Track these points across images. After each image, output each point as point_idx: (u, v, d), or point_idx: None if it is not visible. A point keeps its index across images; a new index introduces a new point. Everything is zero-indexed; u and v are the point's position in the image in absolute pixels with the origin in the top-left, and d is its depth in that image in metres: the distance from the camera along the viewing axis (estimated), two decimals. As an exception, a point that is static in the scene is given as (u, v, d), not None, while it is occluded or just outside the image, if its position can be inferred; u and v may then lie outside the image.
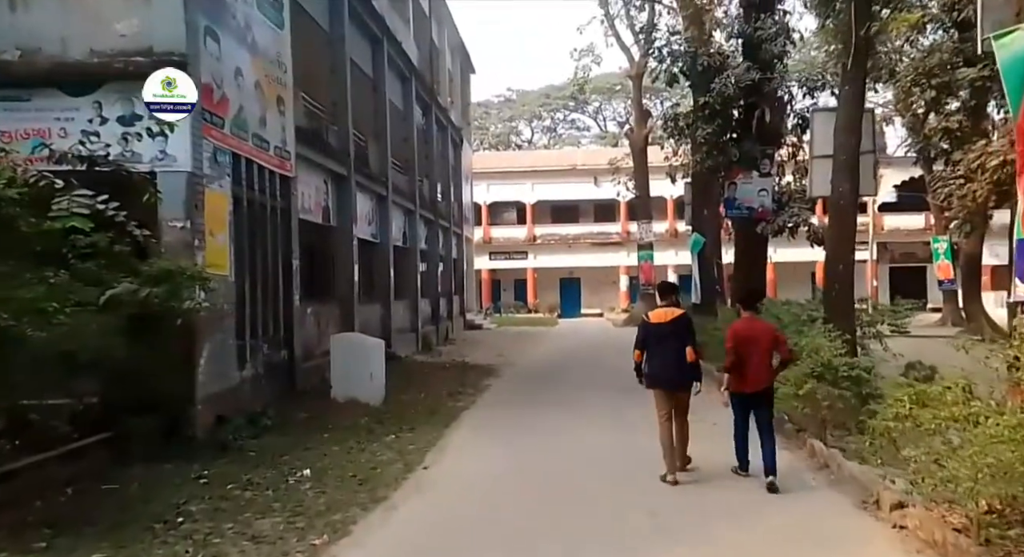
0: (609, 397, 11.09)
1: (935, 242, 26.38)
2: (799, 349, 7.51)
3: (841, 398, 6.72)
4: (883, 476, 4.84)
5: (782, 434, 7.77)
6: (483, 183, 38.48)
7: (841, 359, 6.96)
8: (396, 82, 19.17)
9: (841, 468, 6.15)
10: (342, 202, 14.15)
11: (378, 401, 10.36)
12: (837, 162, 8.71)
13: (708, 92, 12.76)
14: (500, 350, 19.68)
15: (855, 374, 6.87)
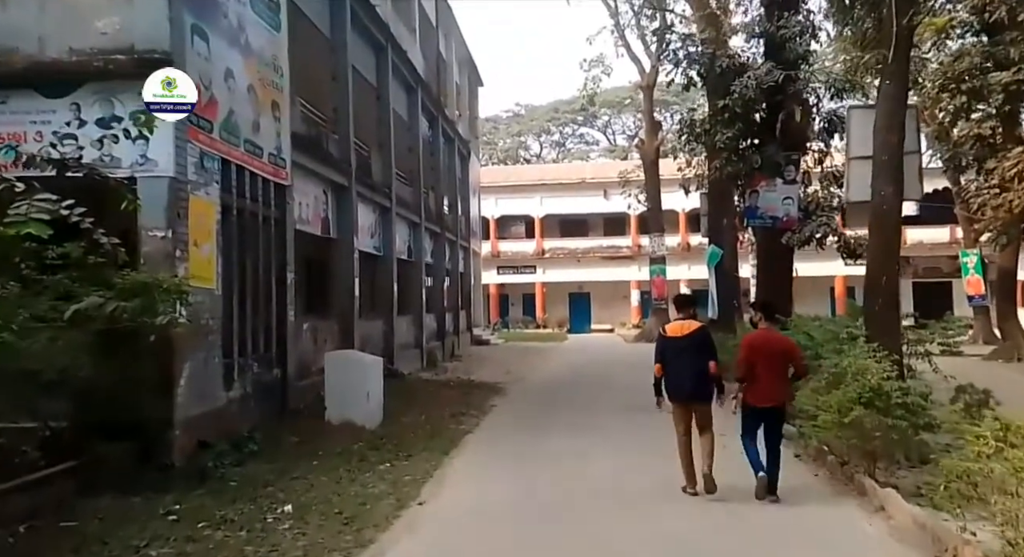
0: (622, 418, 10.38)
1: (964, 256, 25.51)
2: (841, 371, 6.82)
3: (895, 428, 5.97)
4: (962, 528, 4.08)
5: (825, 467, 7.05)
6: (491, 197, 37.97)
7: (893, 383, 6.21)
8: (401, 92, 18.67)
9: (903, 513, 5.36)
10: (342, 213, 13.57)
11: (375, 424, 9.69)
12: (878, 163, 8.02)
13: (728, 94, 12.11)
14: (507, 367, 18.98)
15: (910, 401, 6.11)
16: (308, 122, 12.24)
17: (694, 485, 6.29)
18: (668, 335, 6.51)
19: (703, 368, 6.30)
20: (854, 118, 9.29)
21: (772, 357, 6.18)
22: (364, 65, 15.52)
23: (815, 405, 7.56)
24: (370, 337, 15.16)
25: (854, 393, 6.22)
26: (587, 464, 7.75)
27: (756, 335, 6.55)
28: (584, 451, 8.38)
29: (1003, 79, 16.65)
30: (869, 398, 6.14)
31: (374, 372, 10.00)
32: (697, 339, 6.37)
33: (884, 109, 8.13)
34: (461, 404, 12.09)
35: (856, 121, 9.09)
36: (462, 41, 27.65)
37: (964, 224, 25.70)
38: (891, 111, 8.04)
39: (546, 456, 8.17)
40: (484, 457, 8.26)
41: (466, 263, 27.93)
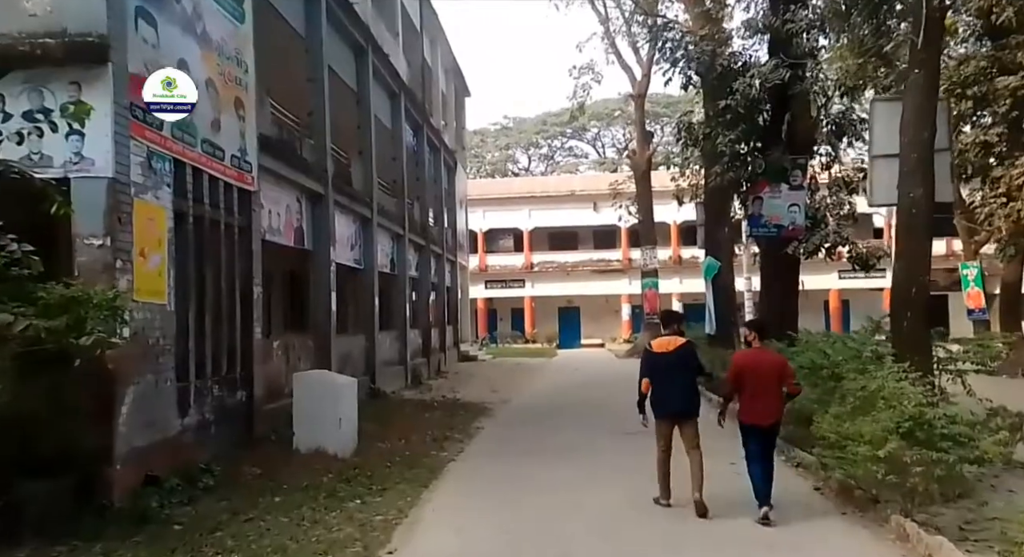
0: (618, 444, 9.51)
1: (964, 268, 24.86)
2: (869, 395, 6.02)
3: (940, 463, 5.14)
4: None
5: (852, 504, 6.21)
6: (479, 209, 37.26)
7: (936, 410, 5.39)
8: (383, 97, 17.90)
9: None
10: (318, 223, 12.71)
11: (349, 451, 8.79)
12: (906, 162, 7.26)
13: (729, 94, 11.36)
14: (495, 385, 18.10)
15: (957, 431, 5.28)
16: (280, 125, 11.42)
17: (668, 498, 6.40)
18: (655, 351, 6.52)
19: (689, 384, 6.39)
20: (878, 112, 8.48)
21: (764, 376, 6.16)
22: (343, 67, 14.74)
23: (837, 432, 6.76)
24: (350, 355, 14.27)
25: (890, 422, 5.41)
26: (582, 500, 6.88)
27: (747, 354, 6.55)
28: (578, 483, 7.52)
29: (1010, 84, 16.05)
30: (908, 428, 5.33)
31: (347, 394, 9.11)
32: (683, 355, 6.41)
33: (912, 101, 7.37)
34: (445, 427, 11.20)
35: (880, 115, 8.29)
36: (448, 49, 27.00)
37: (964, 236, 25.09)
38: (920, 104, 7.30)
39: (536, 489, 7.29)
40: (467, 491, 7.37)
41: (453, 277, 27.08)
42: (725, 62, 11.94)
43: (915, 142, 7.20)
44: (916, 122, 7.24)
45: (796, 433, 8.76)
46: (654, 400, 6.44)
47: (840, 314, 37.35)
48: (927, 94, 7.42)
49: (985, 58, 16.85)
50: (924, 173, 7.23)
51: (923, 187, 7.20)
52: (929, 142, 7.26)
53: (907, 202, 7.29)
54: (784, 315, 11.69)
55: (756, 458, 6.14)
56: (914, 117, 7.27)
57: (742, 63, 12.15)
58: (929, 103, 7.39)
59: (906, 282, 7.30)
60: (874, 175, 8.22)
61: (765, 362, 6.29)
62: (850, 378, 6.97)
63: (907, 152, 7.27)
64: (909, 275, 7.30)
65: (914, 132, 7.20)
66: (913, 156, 7.20)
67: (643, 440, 8.35)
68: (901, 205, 7.41)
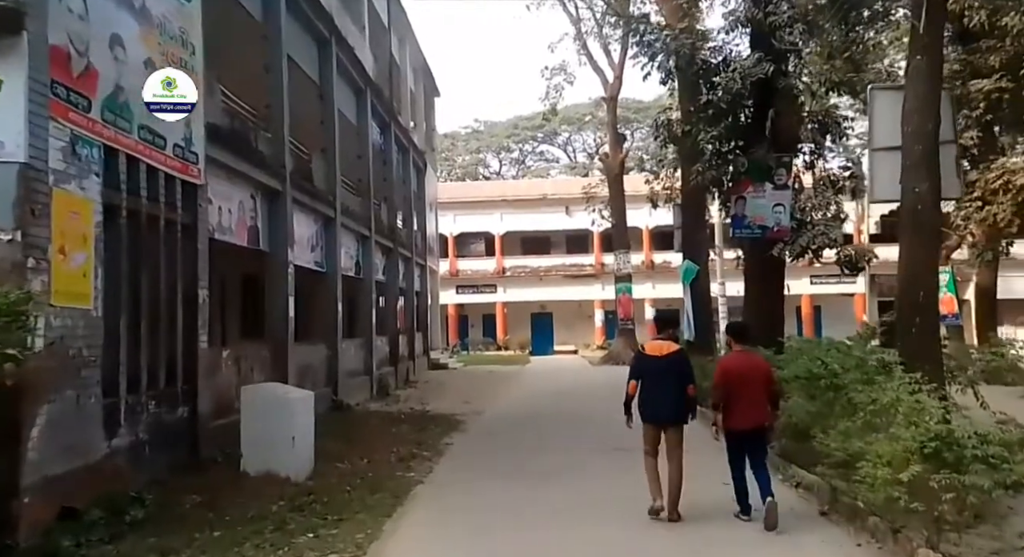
0: (606, 463, 8.78)
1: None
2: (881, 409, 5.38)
3: (974, 489, 4.49)
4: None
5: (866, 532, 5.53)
6: (449, 213, 36.42)
7: (966, 428, 4.74)
8: (348, 93, 17.03)
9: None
10: (275, 222, 11.80)
11: (303, 474, 7.91)
12: (910, 155, 6.67)
13: (711, 89, 10.76)
14: (467, 395, 17.28)
15: (991, 452, 4.64)
16: (232, 115, 10.51)
17: (660, 498, 6.19)
18: (647, 354, 6.43)
19: (680, 390, 6.26)
20: (878, 102, 7.87)
21: (750, 380, 6.09)
22: (304, 58, 13.86)
23: (845, 449, 6.12)
24: (309, 365, 13.35)
25: (913, 441, 4.76)
26: (566, 531, 6.12)
27: (732, 358, 6.43)
28: (562, 511, 6.75)
29: (984, 87, 15.82)
30: (935, 448, 4.68)
31: (302, 409, 8.23)
32: (675, 361, 6.32)
33: (915, 90, 6.79)
34: (412, 443, 10.36)
35: (881, 105, 7.69)
36: (417, 47, 26.18)
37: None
38: (924, 92, 6.72)
39: (514, 519, 6.49)
40: (435, 520, 6.55)
41: (422, 282, 26.21)
42: (705, 56, 11.34)
43: (919, 133, 6.62)
44: (920, 111, 6.67)
45: (791, 448, 8.13)
46: (642, 404, 6.34)
47: (812, 319, 37.27)
48: (931, 82, 6.85)
49: (958, 61, 16.63)
50: (929, 166, 6.65)
51: (928, 181, 6.62)
52: (934, 133, 6.70)
53: (911, 198, 6.69)
54: (770, 320, 11.10)
55: (742, 463, 6.12)
56: (917, 106, 6.70)
57: (723, 58, 11.57)
58: (933, 91, 6.83)
59: (913, 285, 6.71)
60: (875, 169, 7.62)
61: (751, 366, 6.21)
62: (855, 390, 6.33)
63: (910, 144, 6.68)
64: (916, 278, 6.71)
65: (918, 122, 6.62)
66: (917, 148, 6.61)
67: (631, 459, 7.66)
68: (904, 201, 6.82)
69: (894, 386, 5.74)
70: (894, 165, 6.93)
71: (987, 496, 4.57)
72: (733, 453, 6.20)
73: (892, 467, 5.03)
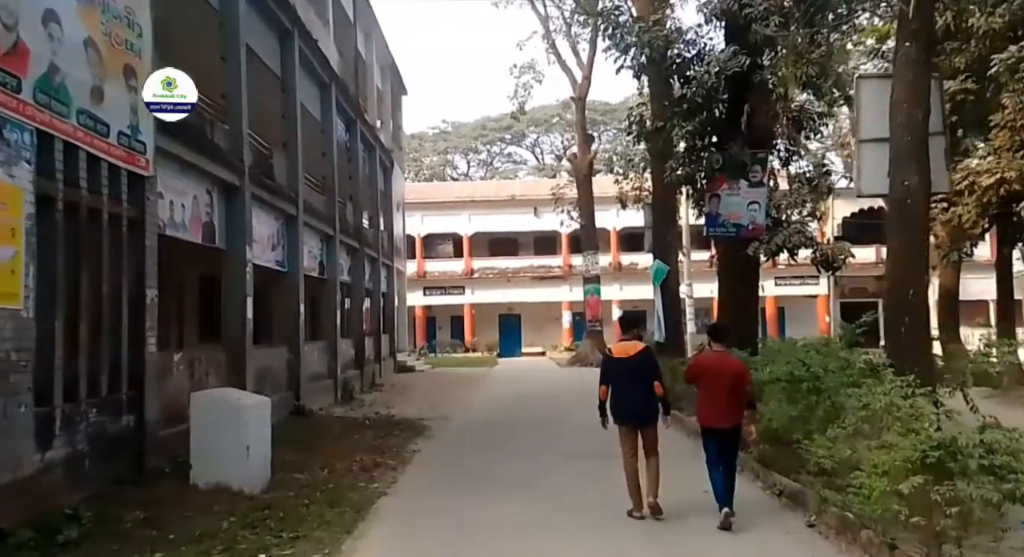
0: (574, 469, 8.44)
1: (897, 274, 25.01)
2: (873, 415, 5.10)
3: (983, 502, 4.20)
4: None
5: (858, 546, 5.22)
6: (417, 214, 35.89)
7: (972, 437, 4.46)
8: (312, 86, 16.46)
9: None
10: (233, 218, 11.21)
11: (258, 486, 7.39)
12: (898, 146, 6.43)
13: (685, 83, 10.48)
14: (434, 398, 16.82)
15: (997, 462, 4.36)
16: (185, 104, 9.89)
17: (641, 509, 6.19)
18: (615, 356, 6.48)
19: (649, 389, 6.28)
20: (865, 91, 7.63)
21: (724, 379, 6.15)
22: (264, 49, 13.28)
23: (831, 456, 5.84)
24: (269, 369, 12.77)
25: (913, 450, 4.47)
26: (540, 545, 5.74)
27: (708, 356, 6.51)
28: (533, 519, 6.37)
29: (950, 88, 15.95)
30: (938, 458, 4.40)
31: (257, 417, 7.71)
32: (643, 360, 6.36)
33: (904, 77, 6.55)
34: (376, 451, 9.87)
35: (868, 95, 7.45)
36: (384, 44, 25.63)
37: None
38: (913, 79, 6.48)
39: (484, 534, 6.08)
40: (399, 537, 6.11)
41: (389, 283, 25.64)
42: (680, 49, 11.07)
43: (908, 123, 6.38)
44: (909, 100, 6.43)
45: (770, 454, 7.87)
46: (615, 406, 6.37)
47: (776, 321, 37.53)
48: (920, 69, 6.62)
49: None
50: (919, 158, 6.42)
51: (918, 175, 6.39)
52: (923, 123, 6.47)
53: (900, 191, 6.45)
54: (744, 320, 10.88)
55: (717, 462, 6.15)
56: (906, 95, 6.46)
57: (697, 52, 11.32)
58: (923, 79, 6.60)
59: (902, 283, 6.46)
60: (862, 162, 7.35)
61: (725, 366, 6.26)
62: (844, 394, 6.06)
63: (899, 135, 6.44)
64: (905, 275, 6.46)
65: (908, 113, 6.38)
66: (906, 139, 6.37)
67: (606, 465, 7.36)
68: (893, 195, 6.57)
69: (885, 389, 5.46)
70: (882, 158, 6.69)
71: (995, 510, 4.29)
72: (709, 453, 6.26)
73: (890, 478, 4.74)
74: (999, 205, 14.80)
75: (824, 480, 6.18)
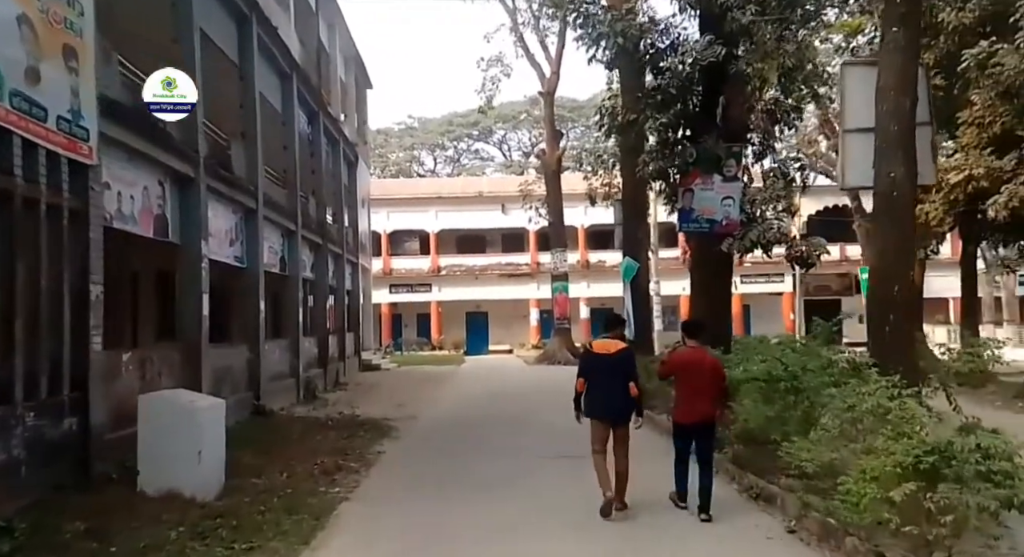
0: (553, 472, 8.15)
1: (864, 272, 25.33)
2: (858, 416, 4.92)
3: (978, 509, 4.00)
4: None
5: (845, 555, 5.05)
6: (383, 210, 35.33)
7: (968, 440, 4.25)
8: (272, 76, 15.92)
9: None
10: (187, 212, 10.70)
11: (211, 493, 6.98)
12: (884, 137, 6.25)
13: (659, 74, 10.26)
14: (400, 397, 16.43)
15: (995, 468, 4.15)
16: (134, 89, 9.37)
17: (611, 487, 6.20)
18: (596, 352, 6.52)
19: (626, 387, 6.29)
20: (850, 78, 7.42)
21: (698, 375, 6.24)
22: (220, 34, 12.73)
23: (810, 459, 5.65)
24: (229, 368, 12.28)
25: (907, 455, 4.27)
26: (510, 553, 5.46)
27: (684, 352, 6.55)
28: (503, 525, 6.10)
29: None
30: (932, 463, 4.20)
31: (210, 419, 7.28)
32: (623, 359, 6.40)
33: (891, 64, 6.36)
34: (339, 452, 9.49)
35: (853, 82, 7.24)
36: (348, 35, 25.04)
37: (863, 240, 25.62)
38: (901, 66, 6.30)
39: (450, 539, 5.79)
40: (361, 546, 5.77)
41: (354, 280, 25.11)
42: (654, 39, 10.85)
43: (895, 111, 6.21)
44: (896, 87, 6.26)
45: (745, 455, 7.69)
46: (591, 401, 6.40)
47: (742, 318, 37.82)
48: (908, 55, 6.46)
49: None
50: (906, 148, 6.25)
51: (904, 166, 6.22)
52: (911, 111, 6.31)
53: (886, 183, 6.28)
54: (717, 317, 10.73)
55: (686, 460, 6.24)
56: (894, 82, 6.29)
57: (671, 42, 11.11)
58: (911, 65, 6.43)
59: (886, 279, 6.29)
60: (846, 153, 7.16)
61: (700, 361, 6.32)
62: (826, 394, 5.87)
63: (885, 123, 6.27)
64: (890, 270, 6.29)
65: (895, 101, 6.21)
66: (893, 128, 6.20)
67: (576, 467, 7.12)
68: (879, 187, 6.40)
69: (870, 390, 5.28)
70: (867, 148, 6.52)
71: (992, 518, 4.11)
72: (679, 450, 6.34)
73: (880, 484, 4.54)
74: (966, 203, 14.94)
75: (804, 483, 6.01)
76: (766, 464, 7.18)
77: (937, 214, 16.25)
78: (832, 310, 37.58)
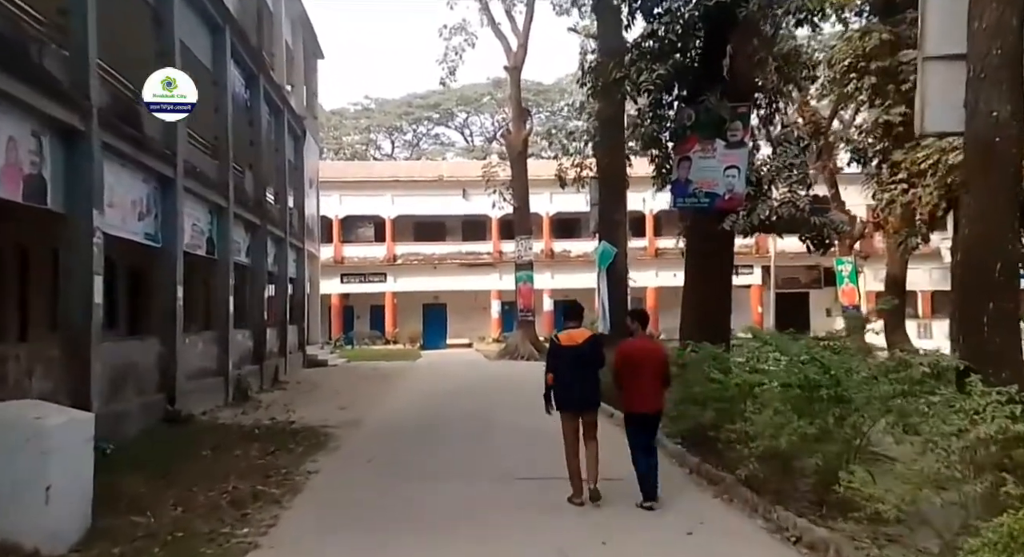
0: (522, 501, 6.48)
1: (839, 264, 24.33)
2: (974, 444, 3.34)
3: None
4: None
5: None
6: (334, 193, 33.11)
7: None
8: (198, 25, 13.77)
9: None
10: (74, 173, 8.63)
11: (64, 542, 5.07)
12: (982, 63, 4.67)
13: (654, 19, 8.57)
14: (345, 398, 14.56)
15: None
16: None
17: (580, 495, 6.25)
18: (562, 344, 6.53)
19: (593, 377, 6.42)
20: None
21: (647, 366, 6.32)
22: (128, -35, 10.61)
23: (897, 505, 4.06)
24: (133, 366, 10.26)
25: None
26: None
27: (631, 343, 6.60)
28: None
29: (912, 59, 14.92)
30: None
31: (69, 442, 5.32)
32: (590, 348, 6.45)
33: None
34: (259, 473, 7.63)
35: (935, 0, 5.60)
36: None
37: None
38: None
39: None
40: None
41: (299, 267, 22.99)
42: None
43: (997, 29, 4.62)
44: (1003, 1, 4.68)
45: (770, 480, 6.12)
46: (561, 393, 6.40)
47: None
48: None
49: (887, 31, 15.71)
50: (1012, 79, 4.68)
51: (1011, 102, 4.66)
52: (1019, 30, 4.74)
53: (984, 126, 4.68)
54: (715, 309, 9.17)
55: (643, 449, 6.28)
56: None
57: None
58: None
59: (983, 256, 4.72)
60: (926, 87, 5.46)
61: (648, 351, 6.47)
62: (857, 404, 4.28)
63: (982, 47, 4.68)
64: (988, 243, 4.72)
65: (997, 12, 4.61)
66: (994, 53, 4.62)
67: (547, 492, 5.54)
68: (974, 131, 4.82)
69: (979, 404, 3.71)
70: (955, 80, 4.94)
71: None
72: (633, 437, 6.37)
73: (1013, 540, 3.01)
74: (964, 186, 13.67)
75: (868, 528, 4.43)
76: (798, 494, 5.67)
77: (931, 199, 15.12)
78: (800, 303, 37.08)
